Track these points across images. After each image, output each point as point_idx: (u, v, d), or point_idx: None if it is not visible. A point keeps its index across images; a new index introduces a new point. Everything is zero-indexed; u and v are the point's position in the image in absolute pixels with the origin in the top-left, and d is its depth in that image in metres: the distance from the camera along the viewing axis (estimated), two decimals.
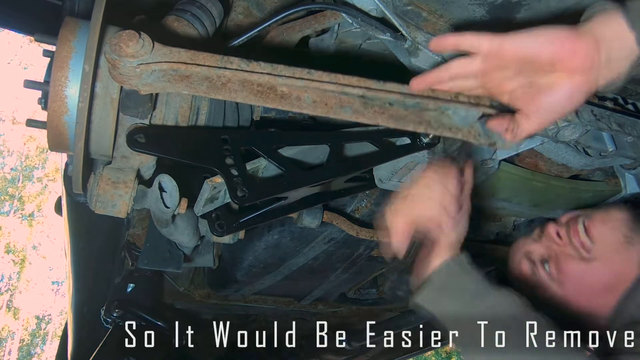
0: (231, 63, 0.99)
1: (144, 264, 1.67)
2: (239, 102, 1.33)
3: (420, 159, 1.40)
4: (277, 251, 1.96)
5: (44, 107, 1.06)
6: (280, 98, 1.01)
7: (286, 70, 1.01)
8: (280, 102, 1.01)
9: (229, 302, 2.63)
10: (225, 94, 0.98)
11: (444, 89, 1.03)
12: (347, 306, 2.86)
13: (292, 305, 2.73)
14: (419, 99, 1.04)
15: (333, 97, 1.04)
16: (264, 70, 0.99)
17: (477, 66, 0.94)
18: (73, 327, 2.72)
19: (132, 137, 1.08)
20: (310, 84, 1.00)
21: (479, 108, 1.06)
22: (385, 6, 1.20)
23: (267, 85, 1.00)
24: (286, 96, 1.02)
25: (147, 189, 1.17)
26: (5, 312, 20.31)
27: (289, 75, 1.00)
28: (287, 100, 1.02)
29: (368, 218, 1.79)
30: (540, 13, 1.12)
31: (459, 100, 1.05)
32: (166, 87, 0.97)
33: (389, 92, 1.03)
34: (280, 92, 1.02)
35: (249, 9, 1.48)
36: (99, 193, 1.09)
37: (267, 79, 0.99)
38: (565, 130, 1.22)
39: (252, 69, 0.99)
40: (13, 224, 21.07)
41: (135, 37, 0.93)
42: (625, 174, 1.56)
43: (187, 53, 0.97)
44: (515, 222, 1.91)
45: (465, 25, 1.16)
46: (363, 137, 1.36)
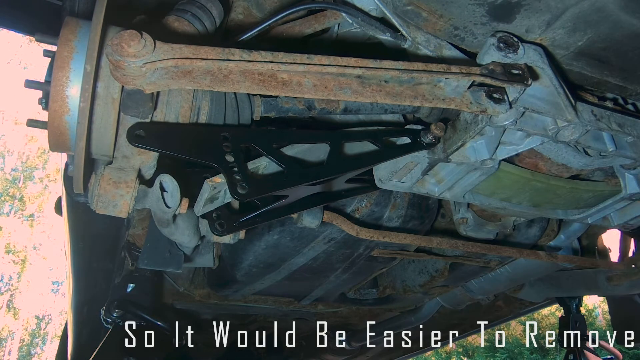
0: (233, 55, 1.00)
1: (144, 264, 1.67)
2: (240, 104, 1.33)
3: (421, 159, 1.40)
4: (277, 251, 1.96)
5: (45, 107, 1.06)
6: (282, 85, 1.04)
7: (287, 57, 1.03)
8: (282, 88, 1.04)
9: (229, 302, 2.63)
10: (229, 86, 1.00)
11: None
12: (347, 306, 2.86)
13: (292, 305, 2.73)
14: (413, 73, 1.08)
15: (332, 80, 1.08)
16: (265, 58, 1.01)
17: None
18: (73, 327, 2.72)
19: (133, 132, 1.07)
20: (310, 69, 1.03)
21: (470, 77, 1.10)
22: (385, 6, 1.20)
23: (267, 74, 1.03)
24: (287, 83, 1.05)
25: (148, 189, 1.17)
26: (5, 312, 20.32)
27: (290, 62, 1.02)
28: (288, 86, 1.05)
29: (368, 218, 1.79)
30: (540, 13, 1.12)
31: (450, 71, 1.10)
32: (170, 84, 0.98)
33: (386, 69, 1.07)
34: (281, 79, 1.04)
35: (248, 9, 1.48)
36: (100, 193, 1.09)
37: (267, 68, 1.01)
38: (565, 130, 1.22)
39: (254, 59, 1.01)
40: (14, 224, 21.08)
41: (137, 36, 0.93)
42: (625, 174, 1.56)
43: (188, 48, 0.98)
44: (515, 222, 1.92)
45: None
46: (363, 136, 1.36)
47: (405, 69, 1.08)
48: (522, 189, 1.54)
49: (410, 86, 1.12)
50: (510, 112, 1.17)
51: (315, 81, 1.07)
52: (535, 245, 2.14)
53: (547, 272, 2.65)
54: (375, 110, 1.45)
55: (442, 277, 2.31)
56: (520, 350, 14.02)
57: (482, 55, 1.18)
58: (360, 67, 1.06)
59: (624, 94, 1.43)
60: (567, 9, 1.09)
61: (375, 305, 2.80)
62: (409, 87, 1.12)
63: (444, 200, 1.98)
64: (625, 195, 1.57)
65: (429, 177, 1.51)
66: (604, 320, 15.23)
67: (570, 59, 1.26)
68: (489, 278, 2.61)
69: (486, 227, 1.86)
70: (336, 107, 1.38)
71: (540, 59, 1.20)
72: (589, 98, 1.41)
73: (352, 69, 1.05)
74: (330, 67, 1.04)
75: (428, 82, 1.13)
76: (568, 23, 1.13)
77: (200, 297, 2.57)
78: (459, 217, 1.83)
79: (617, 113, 1.32)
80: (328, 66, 1.04)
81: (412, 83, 1.12)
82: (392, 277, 2.58)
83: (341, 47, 1.46)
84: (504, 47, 1.16)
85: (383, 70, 1.07)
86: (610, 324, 3.43)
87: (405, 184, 1.49)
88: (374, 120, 1.51)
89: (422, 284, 2.39)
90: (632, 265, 2.39)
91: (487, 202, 1.60)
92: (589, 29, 1.14)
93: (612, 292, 2.61)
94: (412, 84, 1.13)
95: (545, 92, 1.19)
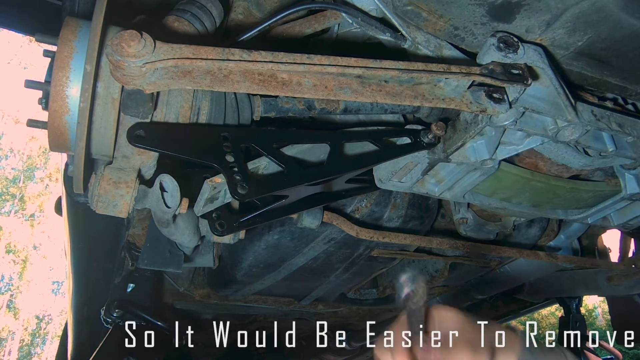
0: (233, 55, 1.00)
1: (144, 264, 1.67)
2: (240, 104, 1.33)
3: (421, 159, 1.40)
4: (277, 251, 1.96)
5: (45, 107, 1.06)
6: (282, 85, 1.04)
7: (287, 57, 1.03)
8: (282, 88, 1.04)
9: (229, 302, 2.63)
10: (229, 86, 1.00)
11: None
12: (347, 306, 2.86)
13: (292, 305, 2.73)
14: (413, 73, 1.08)
15: (332, 80, 1.08)
16: (265, 58, 1.01)
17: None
18: (73, 327, 2.72)
19: (133, 132, 1.07)
20: (310, 69, 1.03)
21: (470, 77, 1.10)
22: (385, 6, 1.20)
23: (267, 74, 1.03)
24: (287, 83, 1.05)
25: (148, 189, 1.17)
26: (5, 312, 20.32)
27: (290, 62, 1.02)
28: (288, 86, 1.05)
29: (368, 218, 1.79)
30: (540, 13, 1.12)
31: (450, 71, 1.10)
32: (170, 84, 0.98)
33: (386, 69, 1.07)
34: (281, 79, 1.04)
35: (248, 9, 1.48)
36: (100, 193, 1.09)
37: (267, 68, 1.01)
38: (565, 130, 1.22)
39: (254, 59, 1.00)
40: (14, 224, 21.09)
41: (137, 36, 0.93)
42: (625, 174, 1.56)
43: (188, 48, 0.98)
44: (515, 222, 1.92)
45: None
46: (363, 136, 1.36)
47: (405, 68, 1.08)
48: (522, 189, 1.54)
49: (410, 86, 1.13)
50: (510, 112, 1.17)
51: (315, 81, 1.07)
52: (535, 245, 2.15)
53: (547, 272, 2.65)
54: (375, 110, 1.45)
55: (442, 277, 2.31)
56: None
57: (482, 55, 1.18)
58: (360, 67, 1.06)
59: (624, 94, 1.43)
60: (567, 9, 1.09)
61: (375, 305, 2.80)
62: (409, 87, 1.13)
63: (444, 200, 1.99)
64: (625, 196, 1.57)
65: (429, 177, 1.51)
66: (604, 320, 15.23)
67: (570, 59, 1.26)
68: (489, 278, 2.62)
69: (486, 227, 1.86)
70: (336, 107, 1.38)
71: (540, 59, 1.20)
72: (589, 98, 1.41)
73: (352, 68, 1.05)
74: (330, 67, 1.04)
75: (428, 82, 1.13)
76: (568, 23, 1.13)
77: (200, 297, 2.57)
78: (459, 217, 1.83)
79: (617, 113, 1.32)
80: (328, 66, 1.04)
81: (412, 83, 1.13)
82: (392, 277, 2.58)
83: (341, 47, 1.46)
84: (504, 47, 1.16)
85: (383, 70, 1.07)
86: (610, 324, 3.43)
87: (405, 184, 1.49)
88: (374, 121, 1.51)
89: None
90: (632, 265, 2.39)
91: (487, 202, 1.60)
92: (589, 29, 1.14)
93: (612, 292, 2.61)
94: (412, 84, 1.13)
95: (545, 92, 1.19)
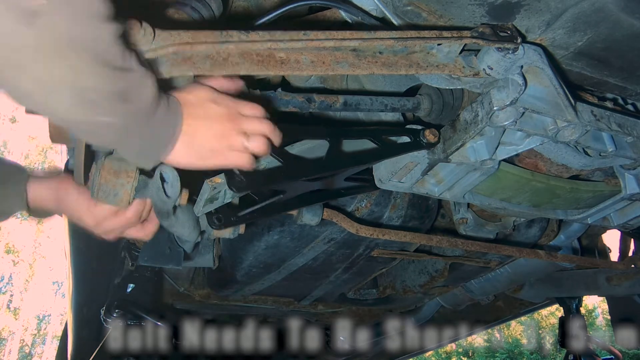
0: (231, 36, 1.01)
1: (144, 260, 1.67)
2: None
3: (420, 159, 1.40)
4: (277, 251, 1.96)
5: None
6: (281, 64, 1.06)
7: (284, 35, 1.04)
8: (281, 67, 1.06)
9: (229, 302, 2.63)
10: (229, 69, 1.00)
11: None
12: (347, 306, 2.86)
13: (292, 306, 2.73)
14: (407, 41, 1.11)
15: (329, 55, 1.10)
16: (263, 38, 1.02)
17: None
18: (73, 327, 2.72)
19: None
20: (308, 44, 1.05)
21: (462, 40, 1.13)
22: (385, 6, 1.21)
23: (266, 54, 1.05)
24: (285, 61, 1.06)
25: (148, 179, 1.16)
26: (5, 312, 20.32)
27: (287, 39, 1.04)
28: (287, 64, 1.06)
29: (368, 218, 1.79)
30: (540, 13, 1.12)
31: (442, 36, 1.13)
32: (171, 71, 0.98)
33: (381, 39, 1.10)
34: (279, 58, 1.06)
35: (248, 9, 1.48)
36: (101, 182, 1.09)
37: (266, 47, 1.03)
38: (565, 130, 1.22)
39: (252, 39, 1.02)
40: (13, 223, 21.06)
41: (136, 25, 0.93)
42: (625, 174, 1.55)
43: (187, 33, 0.98)
44: (515, 222, 1.91)
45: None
46: (362, 134, 1.36)
47: (399, 37, 1.11)
48: (522, 189, 1.54)
49: (404, 55, 1.15)
50: (510, 112, 1.17)
51: (312, 57, 1.09)
52: (535, 245, 2.14)
53: (547, 272, 2.65)
54: (375, 106, 1.44)
55: (442, 277, 2.31)
56: (520, 351, 14.02)
57: (482, 55, 1.18)
58: (356, 39, 1.08)
59: (624, 94, 1.43)
60: (567, 9, 1.09)
61: (375, 305, 2.80)
62: (403, 57, 1.15)
63: (444, 201, 1.98)
64: (625, 196, 1.57)
65: (428, 177, 1.51)
66: (604, 320, 15.23)
67: (570, 59, 1.26)
68: (489, 278, 2.62)
69: (486, 227, 1.86)
70: (335, 101, 1.38)
71: (540, 59, 1.20)
72: (589, 98, 1.41)
73: (348, 41, 1.07)
74: (327, 42, 1.06)
75: (421, 49, 1.16)
76: (568, 23, 1.13)
77: (200, 297, 2.57)
78: (459, 217, 1.83)
79: (617, 113, 1.32)
80: (325, 40, 1.06)
81: (405, 52, 1.15)
82: (392, 277, 2.58)
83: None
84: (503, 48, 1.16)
85: (378, 41, 1.09)
86: (610, 324, 3.43)
87: (405, 184, 1.49)
88: (373, 120, 1.51)
89: (422, 284, 2.39)
90: (632, 265, 2.39)
91: (487, 202, 1.60)
92: (589, 29, 1.14)
93: (612, 292, 2.61)
94: (405, 53, 1.15)
95: (545, 92, 1.19)
